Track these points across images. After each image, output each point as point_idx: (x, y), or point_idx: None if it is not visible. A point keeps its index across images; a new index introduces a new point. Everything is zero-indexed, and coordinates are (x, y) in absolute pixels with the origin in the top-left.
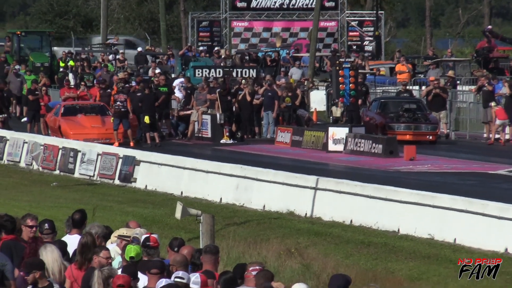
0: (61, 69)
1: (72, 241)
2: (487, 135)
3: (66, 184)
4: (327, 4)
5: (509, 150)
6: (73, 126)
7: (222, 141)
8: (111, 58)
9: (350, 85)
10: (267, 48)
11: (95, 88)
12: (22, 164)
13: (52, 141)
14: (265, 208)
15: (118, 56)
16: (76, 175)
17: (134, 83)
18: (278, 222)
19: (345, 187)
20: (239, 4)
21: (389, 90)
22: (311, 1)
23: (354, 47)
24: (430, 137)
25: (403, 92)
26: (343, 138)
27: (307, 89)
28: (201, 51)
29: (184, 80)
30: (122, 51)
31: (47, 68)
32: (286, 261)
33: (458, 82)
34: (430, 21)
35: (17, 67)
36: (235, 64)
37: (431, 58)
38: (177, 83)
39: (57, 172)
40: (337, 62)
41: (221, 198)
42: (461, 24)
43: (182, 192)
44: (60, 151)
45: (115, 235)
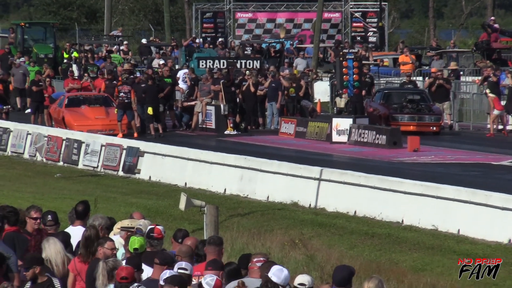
0: (65, 60)
1: (76, 233)
2: (491, 126)
3: (70, 176)
4: None
5: None
6: (77, 117)
7: (226, 132)
8: (115, 50)
9: (354, 76)
10: (271, 39)
11: (99, 79)
12: (26, 156)
13: (56, 133)
14: (269, 199)
15: (122, 47)
16: (80, 167)
17: (139, 74)
18: (282, 213)
19: (349, 178)
20: None
21: (393, 81)
22: None
23: (358, 38)
24: (434, 128)
25: (408, 83)
26: (347, 129)
27: (311, 80)
28: (206, 42)
29: (188, 71)
30: (126, 42)
31: (51, 60)
32: (290, 252)
33: (462, 73)
34: (434, 12)
35: (22, 59)
36: (239, 55)
37: (435, 49)
38: (181, 74)
39: (61, 164)
40: (341, 53)
41: (225, 189)
42: (464, 15)
43: (186, 183)
44: (64, 142)
45: (118, 227)
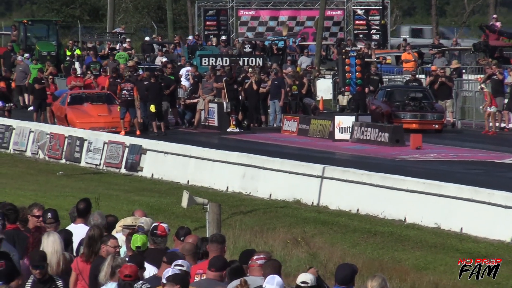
0: (68, 58)
1: (77, 231)
2: (493, 124)
3: (72, 173)
4: None
5: None
6: (80, 115)
7: (229, 130)
8: (118, 47)
9: (356, 74)
10: (274, 37)
11: (102, 77)
12: (28, 153)
13: (58, 130)
14: (272, 197)
15: (125, 45)
16: (82, 164)
17: (142, 72)
18: (285, 211)
19: (352, 176)
20: None
21: (395, 79)
22: None
23: (361, 36)
24: (436, 126)
25: (412, 81)
26: (350, 127)
27: (314, 78)
28: (209, 40)
29: (192, 69)
30: (129, 40)
31: (54, 57)
32: (293, 250)
33: (464, 71)
34: (436, 10)
35: (26, 55)
36: (241, 53)
37: (437, 47)
38: (184, 72)
39: (63, 161)
40: (343, 51)
41: (228, 187)
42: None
43: (189, 181)
44: (66, 140)
45: (120, 225)
